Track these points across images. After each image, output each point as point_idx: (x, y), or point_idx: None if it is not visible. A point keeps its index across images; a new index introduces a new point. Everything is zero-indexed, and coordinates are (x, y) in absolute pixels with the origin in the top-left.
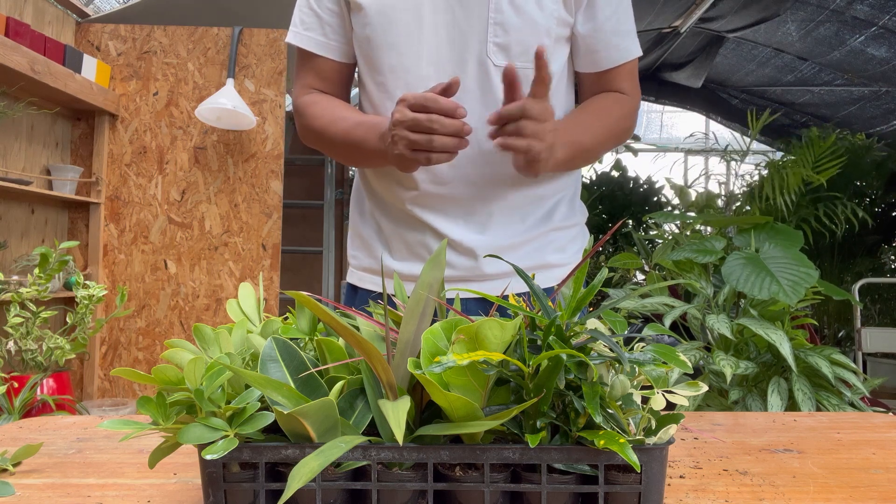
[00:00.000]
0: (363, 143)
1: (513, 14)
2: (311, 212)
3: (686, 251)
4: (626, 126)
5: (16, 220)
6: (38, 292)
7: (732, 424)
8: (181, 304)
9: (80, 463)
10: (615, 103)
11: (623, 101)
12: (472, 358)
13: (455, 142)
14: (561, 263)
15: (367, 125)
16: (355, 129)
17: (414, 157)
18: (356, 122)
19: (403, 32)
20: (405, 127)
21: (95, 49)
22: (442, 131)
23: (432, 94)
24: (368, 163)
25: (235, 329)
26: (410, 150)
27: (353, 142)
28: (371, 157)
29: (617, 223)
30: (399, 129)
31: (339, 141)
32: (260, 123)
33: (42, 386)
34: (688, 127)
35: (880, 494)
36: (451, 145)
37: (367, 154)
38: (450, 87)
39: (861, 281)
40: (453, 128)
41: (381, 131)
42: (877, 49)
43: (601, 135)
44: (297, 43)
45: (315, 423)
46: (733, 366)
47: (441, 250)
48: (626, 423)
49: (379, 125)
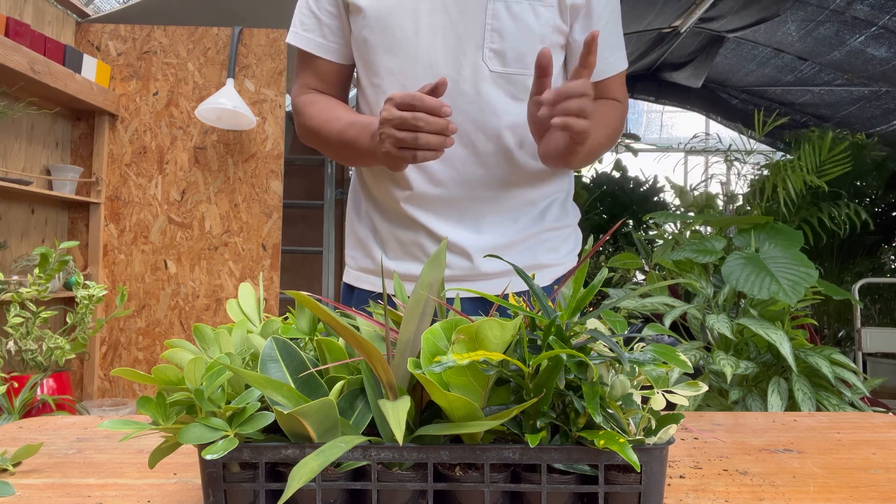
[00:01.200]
0: (355, 142)
1: (509, 21)
2: (311, 212)
3: (686, 251)
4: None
5: (16, 220)
6: (38, 292)
7: (732, 424)
8: (181, 304)
9: (80, 463)
10: (613, 109)
11: (618, 107)
12: (472, 358)
13: (440, 140)
14: (553, 263)
15: (359, 125)
16: (348, 129)
17: (400, 155)
18: (349, 122)
19: (400, 36)
20: (392, 125)
21: (95, 49)
22: (427, 129)
23: (418, 93)
24: (361, 162)
25: (235, 329)
26: (397, 148)
27: (346, 141)
28: (363, 156)
29: (617, 223)
30: (386, 128)
31: (333, 140)
32: (260, 123)
33: (42, 386)
34: (688, 127)
35: (880, 494)
36: (436, 143)
37: (360, 153)
38: (437, 87)
39: (861, 281)
40: (438, 126)
41: (372, 131)
42: (877, 49)
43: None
44: (296, 44)
45: (315, 423)
46: (733, 366)
47: (441, 250)
48: (626, 423)
49: (370, 125)
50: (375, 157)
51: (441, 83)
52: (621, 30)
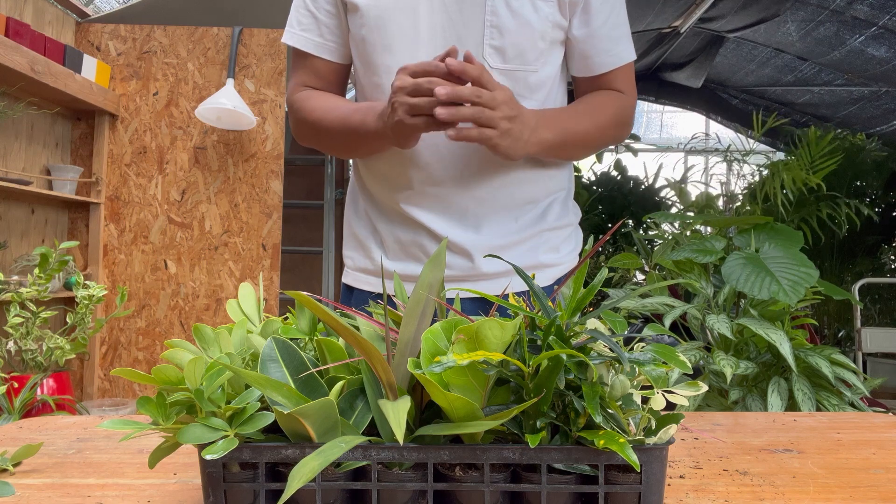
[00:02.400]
0: (362, 125)
1: (509, 17)
2: (311, 212)
3: (686, 251)
4: (623, 119)
5: (16, 220)
6: (38, 292)
7: (732, 424)
8: (181, 304)
9: (80, 463)
10: (610, 98)
11: (619, 97)
12: (472, 358)
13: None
14: (554, 263)
15: (364, 109)
16: (353, 115)
17: (412, 123)
18: (353, 108)
19: (399, 34)
20: (406, 93)
21: (95, 49)
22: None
23: (434, 61)
24: (367, 146)
25: (235, 329)
26: (410, 115)
27: (352, 127)
28: (370, 139)
29: (617, 223)
30: (399, 96)
31: (336, 129)
32: (260, 123)
33: (42, 386)
34: (688, 127)
35: (880, 494)
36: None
37: (366, 137)
38: (448, 55)
39: (861, 281)
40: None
41: (379, 111)
42: (877, 49)
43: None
44: (293, 43)
45: (315, 423)
46: (733, 366)
47: (441, 250)
48: (626, 423)
49: (376, 106)
50: (383, 136)
51: (452, 51)
52: (626, 19)
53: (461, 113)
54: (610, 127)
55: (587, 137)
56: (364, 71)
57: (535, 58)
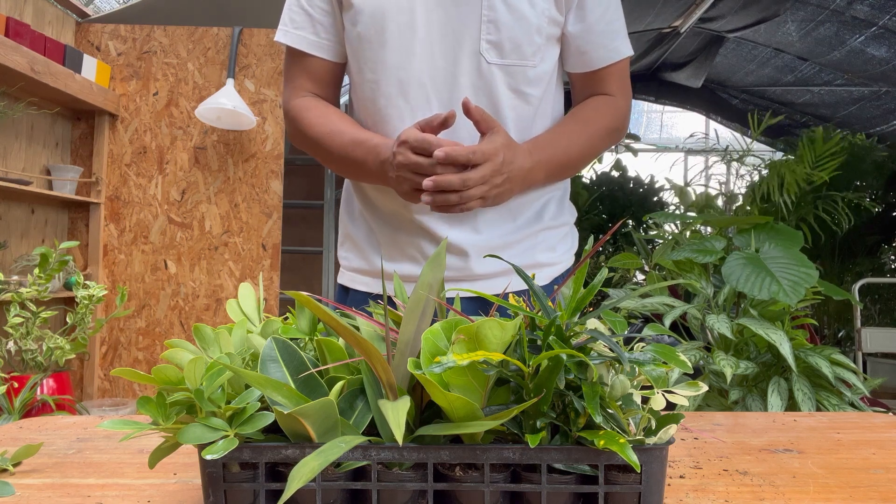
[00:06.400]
0: (362, 164)
1: (505, 12)
2: (311, 212)
3: (686, 251)
4: (616, 127)
5: (16, 220)
6: (38, 292)
7: (732, 424)
8: (181, 304)
9: (80, 463)
10: (602, 106)
11: (612, 104)
12: (472, 358)
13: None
14: (551, 263)
15: (366, 146)
16: (354, 149)
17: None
18: (354, 140)
19: (396, 30)
20: (409, 170)
21: (95, 49)
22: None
23: (433, 137)
24: (365, 181)
25: (235, 329)
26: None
27: (352, 160)
28: (369, 177)
29: (617, 223)
30: (403, 172)
31: (335, 155)
32: (260, 123)
33: (42, 386)
34: (688, 127)
35: (880, 494)
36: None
37: (366, 174)
38: (447, 119)
39: (861, 281)
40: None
41: (380, 156)
42: (877, 49)
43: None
44: (287, 42)
45: (315, 423)
46: (733, 366)
47: (441, 250)
48: (626, 423)
49: (378, 148)
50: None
51: (450, 116)
52: (621, 15)
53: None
54: (604, 138)
55: (581, 156)
56: (359, 69)
57: (533, 53)
